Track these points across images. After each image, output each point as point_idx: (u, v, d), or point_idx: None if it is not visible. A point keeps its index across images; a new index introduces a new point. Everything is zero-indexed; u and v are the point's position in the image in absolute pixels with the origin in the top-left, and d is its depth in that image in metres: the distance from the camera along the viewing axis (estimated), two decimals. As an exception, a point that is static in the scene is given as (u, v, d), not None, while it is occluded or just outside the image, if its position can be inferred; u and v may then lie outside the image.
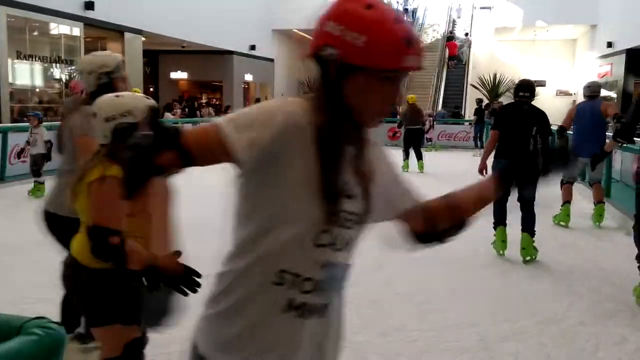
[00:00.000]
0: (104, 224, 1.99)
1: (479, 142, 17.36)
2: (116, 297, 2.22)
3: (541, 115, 5.52)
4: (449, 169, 11.92)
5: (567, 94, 26.10)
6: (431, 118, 18.34)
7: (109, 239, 1.97)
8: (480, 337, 3.70)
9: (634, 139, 4.53)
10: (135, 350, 2.27)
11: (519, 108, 5.58)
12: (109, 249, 1.98)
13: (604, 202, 7.01)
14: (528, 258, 5.35)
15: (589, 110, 6.81)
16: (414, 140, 12.56)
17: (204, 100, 25.32)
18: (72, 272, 2.27)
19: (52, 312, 3.82)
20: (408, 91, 24.05)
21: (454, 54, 26.20)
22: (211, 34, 20.06)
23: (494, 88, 25.02)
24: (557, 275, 5.09)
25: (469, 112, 23.51)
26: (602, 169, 7.20)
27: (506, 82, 25.89)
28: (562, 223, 6.88)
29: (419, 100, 23.17)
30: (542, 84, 25.56)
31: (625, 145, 5.68)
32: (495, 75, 25.64)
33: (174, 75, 23.73)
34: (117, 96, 2.28)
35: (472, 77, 25.20)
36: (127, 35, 16.13)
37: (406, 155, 12.41)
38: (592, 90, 6.96)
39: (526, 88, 5.68)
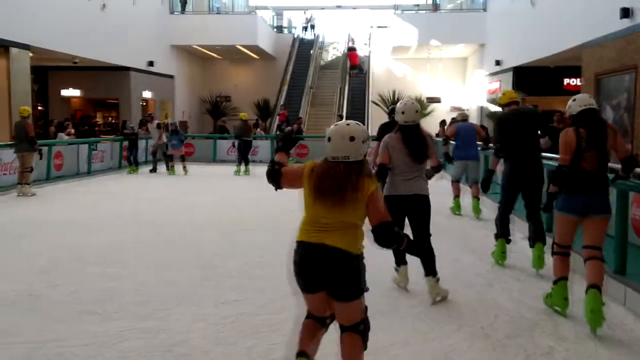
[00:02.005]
0: (388, 219, 2.91)
1: None
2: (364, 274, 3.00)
3: None
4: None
5: (460, 109, 27.39)
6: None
7: (394, 229, 2.91)
8: (413, 358, 3.62)
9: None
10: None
11: (393, 124, 7.57)
12: (395, 236, 2.92)
13: (479, 198, 9.07)
14: None
15: (466, 128, 9.54)
16: (245, 149, 15.81)
17: (98, 120, 24.10)
18: (344, 261, 2.91)
19: None
20: (310, 108, 24.38)
21: (355, 63, 27.09)
22: (106, 49, 19.12)
23: (393, 104, 25.77)
24: (478, 287, 5.17)
25: (371, 128, 24.04)
26: (479, 172, 9.41)
27: (405, 98, 26.80)
28: (456, 212, 9.25)
29: (324, 117, 23.59)
30: (437, 100, 26.73)
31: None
32: (394, 92, 26.47)
33: (66, 92, 22.30)
34: (348, 124, 3.01)
35: (372, 94, 25.86)
36: (12, 50, 14.91)
37: (239, 162, 15.81)
38: (462, 117, 10.27)
39: (394, 112, 7.76)
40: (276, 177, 3.13)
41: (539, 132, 5.93)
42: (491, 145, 8.82)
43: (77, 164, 14.72)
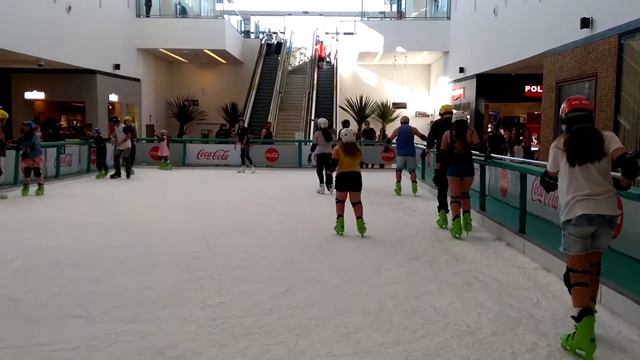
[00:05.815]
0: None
1: (246, 160, 17.98)
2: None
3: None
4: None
5: (424, 115, 27.84)
6: (166, 138, 18.85)
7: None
8: (406, 356, 3.71)
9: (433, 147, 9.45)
10: None
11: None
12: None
13: (417, 182, 12.61)
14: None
15: (405, 130, 12.38)
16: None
17: (63, 123, 23.61)
18: (359, 176, 7.90)
19: None
20: (279, 112, 24.38)
21: (322, 56, 27.86)
22: (72, 51, 18.79)
23: (360, 109, 26.04)
24: (457, 287, 5.31)
25: (339, 130, 24.16)
26: (416, 162, 12.91)
27: (371, 104, 27.12)
28: (399, 193, 12.34)
29: (292, 122, 23.63)
30: (403, 106, 27.10)
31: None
32: (361, 97, 26.73)
33: (29, 95, 21.77)
34: (351, 130, 8.32)
35: (340, 99, 26.05)
36: (-26, 51, 14.60)
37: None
38: (404, 120, 12.77)
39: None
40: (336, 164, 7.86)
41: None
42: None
43: (45, 168, 14.38)
